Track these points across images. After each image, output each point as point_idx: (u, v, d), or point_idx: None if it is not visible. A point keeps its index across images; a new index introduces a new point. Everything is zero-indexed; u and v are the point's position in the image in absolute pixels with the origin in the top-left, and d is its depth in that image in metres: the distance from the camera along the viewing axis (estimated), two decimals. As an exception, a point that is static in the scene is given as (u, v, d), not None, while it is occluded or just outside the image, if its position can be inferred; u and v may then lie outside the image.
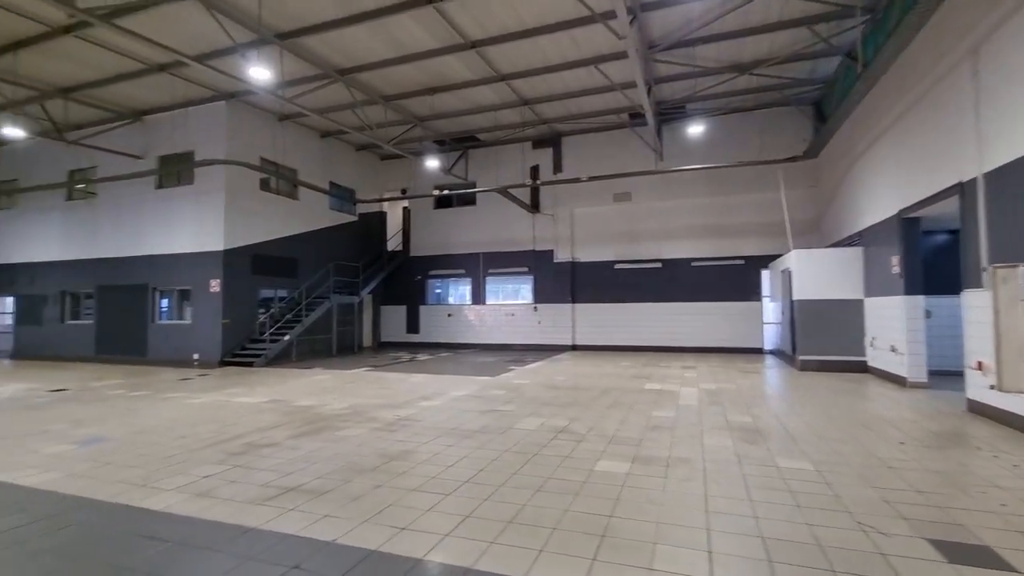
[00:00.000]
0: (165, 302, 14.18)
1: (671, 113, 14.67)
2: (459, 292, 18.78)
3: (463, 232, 18.11)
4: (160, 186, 14.07)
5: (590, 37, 10.43)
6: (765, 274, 14.74)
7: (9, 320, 16.79)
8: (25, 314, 16.15)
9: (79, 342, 14.99)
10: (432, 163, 15.00)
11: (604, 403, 7.43)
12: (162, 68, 11.34)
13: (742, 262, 14.98)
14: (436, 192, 17.53)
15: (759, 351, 14.61)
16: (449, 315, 18.22)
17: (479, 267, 17.88)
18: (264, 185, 14.49)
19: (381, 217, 19.46)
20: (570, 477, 4.18)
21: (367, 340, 18.67)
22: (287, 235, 15.05)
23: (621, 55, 10.95)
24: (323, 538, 3.13)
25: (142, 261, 14.16)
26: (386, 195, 19.09)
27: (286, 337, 13.71)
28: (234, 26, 9.37)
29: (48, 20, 9.40)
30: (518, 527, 3.24)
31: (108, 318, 14.63)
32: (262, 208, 14.25)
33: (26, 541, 3.19)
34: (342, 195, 17.33)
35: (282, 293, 14.99)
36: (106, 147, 13.93)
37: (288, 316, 14.57)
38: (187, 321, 13.65)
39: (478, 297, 17.91)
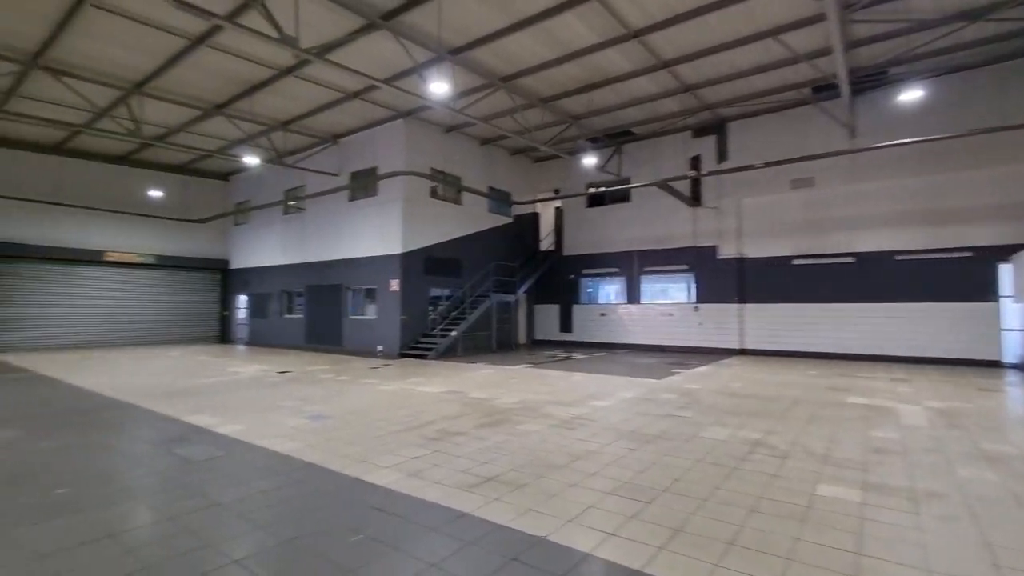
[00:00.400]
0: (354, 299, 16.27)
1: (868, 81, 12.52)
2: (612, 291, 18.40)
3: (617, 230, 17.69)
4: (352, 199, 16.19)
5: (767, 6, 9.35)
6: (1004, 268, 11.78)
7: (243, 314, 20.86)
8: (255, 309, 19.91)
9: (293, 333, 17.98)
10: (589, 160, 14.90)
11: (799, 416, 6.54)
12: (355, 95, 12.99)
13: (969, 254, 12.18)
14: (593, 190, 17.39)
15: (995, 364, 11.73)
16: (602, 314, 17.95)
17: (633, 265, 17.30)
18: (433, 193, 15.80)
19: (534, 218, 19.96)
20: (787, 499, 3.69)
21: (521, 337, 19.29)
22: (452, 238, 16.22)
23: (806, 22, 9.64)
24: (534, 532, 3.16)
25: (338, 264, 16.45)
26: (539, 196, 19.51)
27: (453, 333, 14.77)
28: (415, 48, 10.31)
29: (276, 64, 11.37)
30: (742, 551, 2.92)
31: (314, 313, 17.30)
32: (432, 214, 15.56)
33: (287, 500, 3.78)
34: (499, 198, 18.14)
35: (447, 292, 16.20)
36: (311, 168, 16.46)
37: (453, 314, 15.69)
38: (372, 317, 15.49)
39: (633, 296, 17.34)
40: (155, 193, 18.58)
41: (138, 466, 4.68)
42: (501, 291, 17.01)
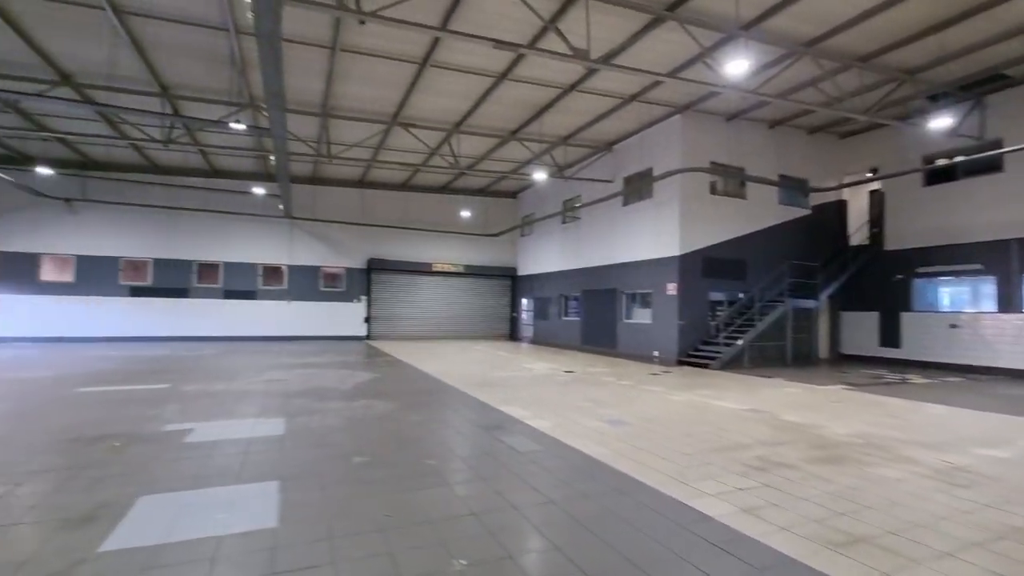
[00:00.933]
0: (628, 302, 16.26)
1: None
2: (968, 294, 13.68)
3: (977, 212, 13.04)
4: (625, 204, 16.27)
5: None
6: None
7: (527, 315, 23.33)
8: (538, 311, 22.03)
9: (570, 333, 19.15)
10: (939, 122, 11.35)
11: None
12: (632, 98, 12.93)
13: None
14: (944, 161, 13.31)
15: None
16: (953, 326, 13.47)
17: (1010, 258, 12.43)
18: (712, 189, 14.60)
19: (839, 206, 16.50)
20: None
21: (822, 351, 16.10)
22: (734, 236, 14.65)
23: None
24: (982, 647, 2.21)
25: (612, 269, 16.74)
26: (847, 180, 16.03)
27: (739, 342, 13.24)
28: (701, 33, 9.54)
29: (560, 84, 12.18)
30: None
31: (589, 316, 18.04)
32: (711, 212, 14.36)
33: (614, 511, 3.65)
34: (792, 187, 15.58)
35: (729, 295, 14.68)
36: (587, 177, 17.22)
37: (739, 320, 14.09)
38: (647, 321, 15.17)
39: (1008, 302, 12.46)
40: (464, 213, 22.45)
41: (477, 448, 5.36)
42: (797, 295, 14.52)
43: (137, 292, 19.20)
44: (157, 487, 3.99)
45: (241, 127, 11.02)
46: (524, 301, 23.72)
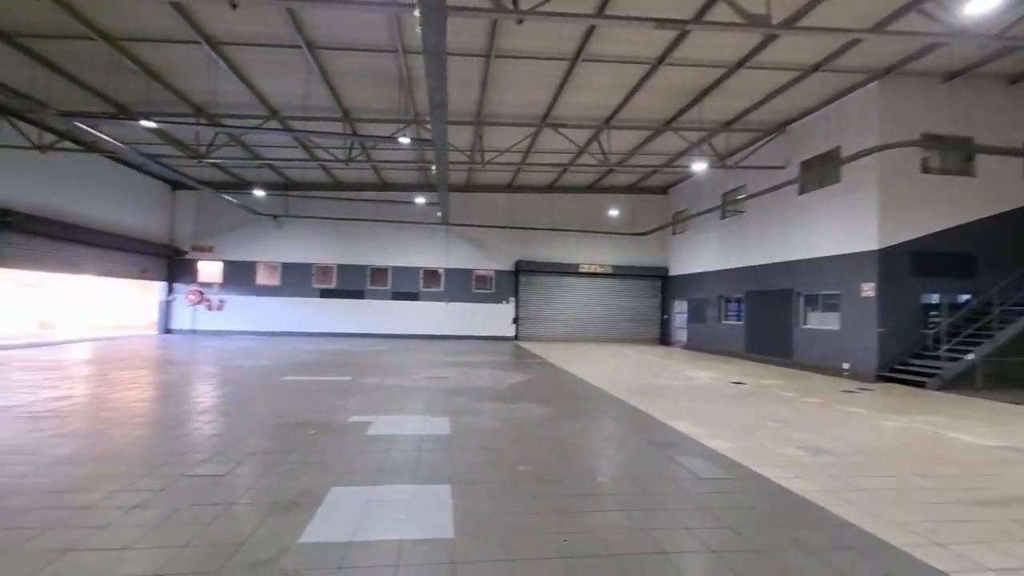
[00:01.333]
0: (807, 305, 14.07)
1: None
2: None
3: None
4: (802, 192, 14.13)
5: None
6: None
7: (679, 319, 21.72)
8: (693, 314, 20.37)
9: (731, 339, 17.30)
10: None
11: None
12: (814, 68, 11.09)
13: None
14: None
15: None
16: None
17: None
18: (924, 166, 11.93)
19: None
20: None
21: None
22: (958, 224, 11.77)
23: None
24: None
25: (785, 267, 14.66)
26: None
27: (969, 356, 10.54)
28: (920, -26, 7.72)
29: (724, 62, 10.93)
30: None
31: (755, 320, 16.08)
32: (923, 195, 11.73)
33: None
34: (1048, 157, 12.02)
35: (950, 298, 11.79)
36: (752, 165, 15.35)
37: (968, 329, 11.23)
38: (834, 327, 12.94)
39: None
40: (612, 212, 21.75)
41: (648, 468, 4.82)
42: (1059, 298, 11.13)
43: (325, 294, 22.16)
44: (346, 479, 4.22)
45: (407, 140, 11.89)
46: (676, 303, 22.16)
